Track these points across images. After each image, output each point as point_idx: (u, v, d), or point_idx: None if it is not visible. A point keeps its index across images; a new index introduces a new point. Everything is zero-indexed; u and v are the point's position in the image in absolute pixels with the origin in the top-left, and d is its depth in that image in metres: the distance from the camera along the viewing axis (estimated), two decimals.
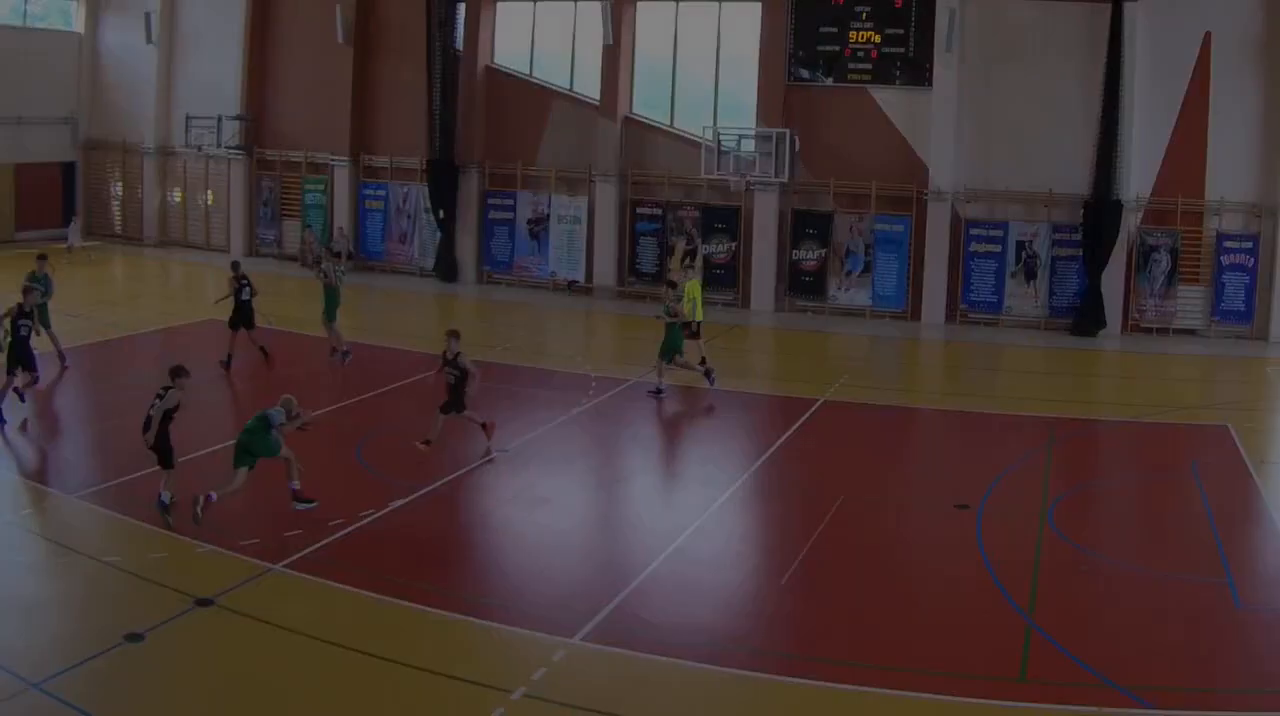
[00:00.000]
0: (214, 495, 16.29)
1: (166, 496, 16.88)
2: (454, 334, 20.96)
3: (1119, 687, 12.73)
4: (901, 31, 38.00)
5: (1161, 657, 13.88)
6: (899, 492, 20.68)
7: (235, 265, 27.50)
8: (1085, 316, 36.89)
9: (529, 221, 40.46)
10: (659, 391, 25.94)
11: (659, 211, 39.33)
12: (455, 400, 20.83)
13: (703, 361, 27.36)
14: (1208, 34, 36.56)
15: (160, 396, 17.07)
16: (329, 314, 28.01)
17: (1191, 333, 37.47)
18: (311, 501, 17.32)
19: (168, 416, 17.10)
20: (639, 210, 39.55)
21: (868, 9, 38.08)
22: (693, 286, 28.54)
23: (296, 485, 17.33)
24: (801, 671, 13.15)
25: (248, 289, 26.33)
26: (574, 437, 23.18)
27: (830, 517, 18.22)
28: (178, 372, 17.24)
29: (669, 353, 25.84)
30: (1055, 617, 14.75)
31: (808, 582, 15.90)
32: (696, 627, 14.26)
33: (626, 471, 21.63)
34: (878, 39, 38.12)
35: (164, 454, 17.21)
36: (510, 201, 40.62)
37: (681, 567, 16.31)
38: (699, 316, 28.08)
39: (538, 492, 19.62)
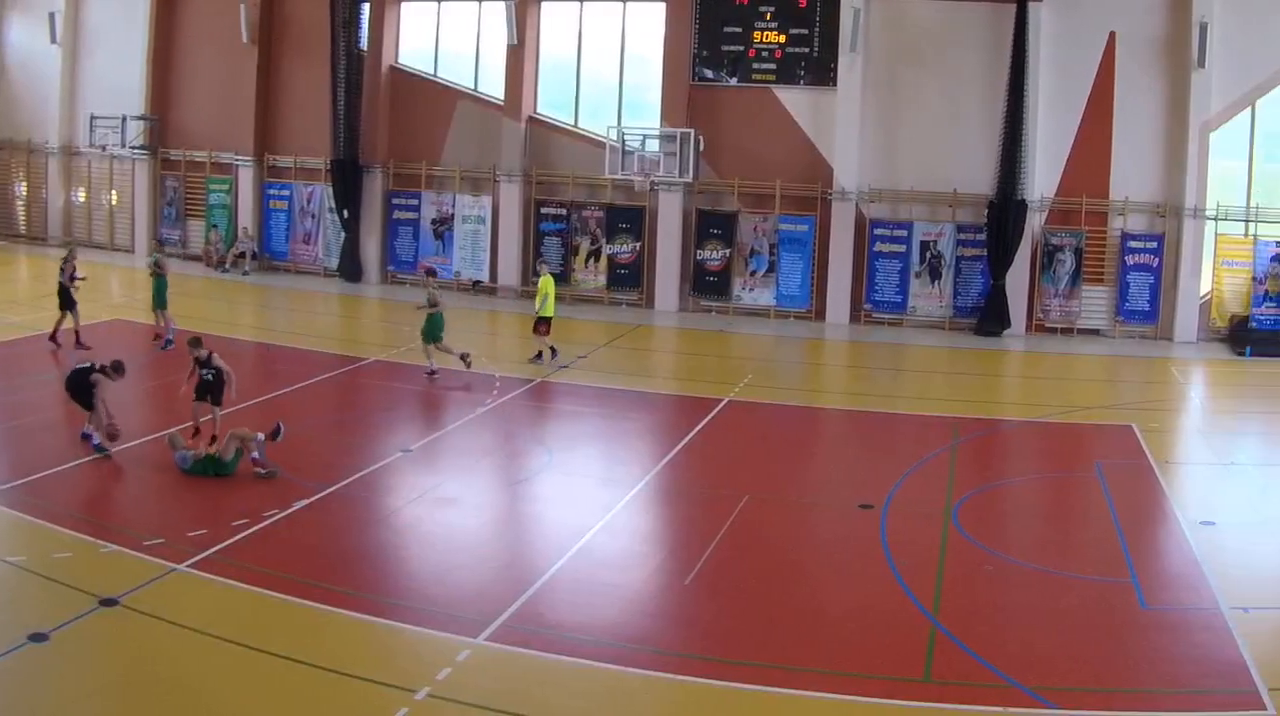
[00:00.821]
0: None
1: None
2: (196, 342, 20.81)
3: (1023, 687, 12.33)
4: (806, 31, 36.70)
5: (1066, 657, 13.33)
6: (803, 492, 19.97)
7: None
8: (989, 316, 35.72)
9: (433, 221, 38.91)
10: (432, 372, 25.96)
11: (563, 211, 37.89)
12: (215, 395, 20.35)
13: (539, 355, 27.73)
14: (1112, 34, 35.39)
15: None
16: (158, 302, 28.13)
17: (1096, 333, 36.31)
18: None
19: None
20: (543, 210, 38.04)
21: (772, 9, 36.80)
22: (545, 282, 28.23)
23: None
24: (705, 671, 12.68)
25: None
26: (479, 437, 22.36)
27: (734, 517, 17.64)
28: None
29: (430, 338, 26.11)
30: (960, 617, 14.27)
31: (712, 582, 15.33)
32: (601, 627, 13.75)
33: (531, 471, 20.67)
34: (782, 39, 36.81)
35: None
36: (414, 201, 39.10)
37: (586, 567, 15.73)
38: (549, 312, 27.88)
39: (442, 492, 18.89)
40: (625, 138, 36.37)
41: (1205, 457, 23.40)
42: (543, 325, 28.22)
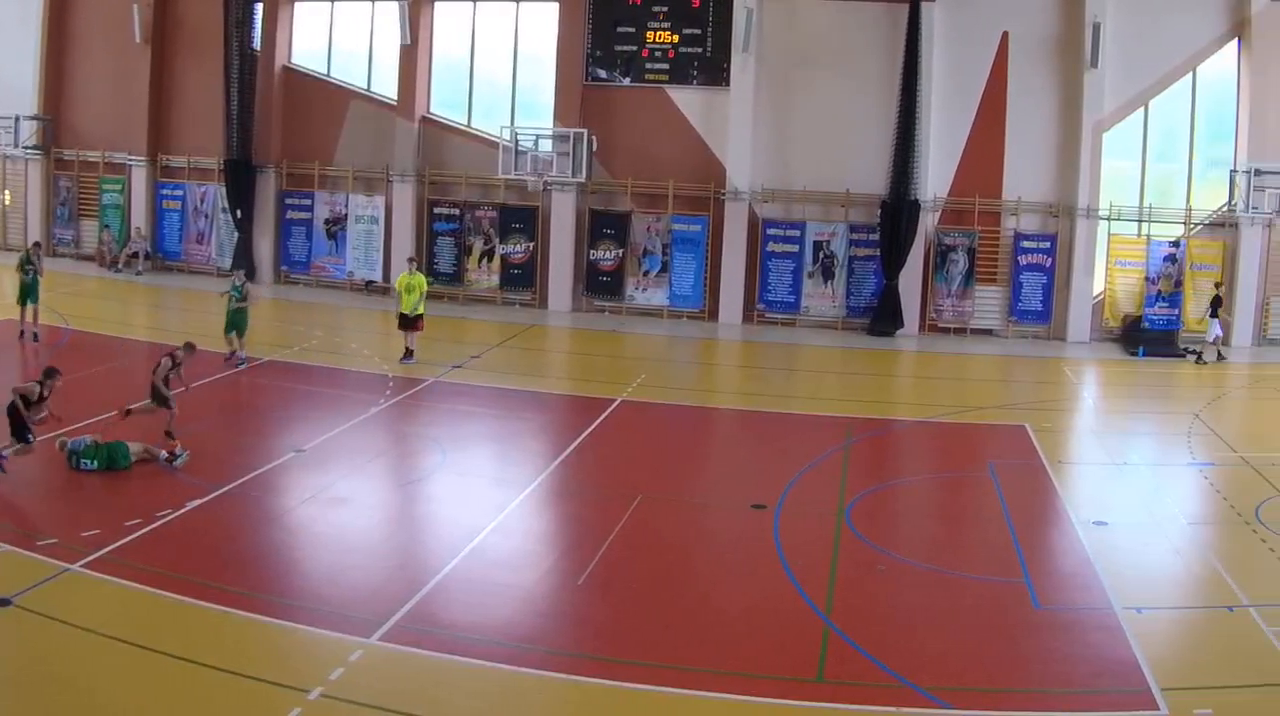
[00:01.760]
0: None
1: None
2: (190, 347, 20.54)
3: (916, 687, 12.06)
4: (699, 32, 35.22)
5: (959, 657, 13.06)
6: (696, 492, 19.38)
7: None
8: (882, 316, 34.40)
9: (326, 221, 37.26)
10: (241, 362, 25.56)
11: (457, 211, 36.45)
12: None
13: (408, 352, 26.84)
14: (1005, 33, 34.13)
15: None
16: (29, 298, 27.20)
17: (989, 333, 35.02)
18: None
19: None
20: (436, 210, 36.39)
21: (665, 9, 35.29)
22: (415, 280, 27.23)
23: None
24: (598, 671, 12.37)
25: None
26: (372, 437, 21.59)
27: (627, 517, 17.18)
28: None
29: (231, 329, 25.70)
30: (852, 617, 13.96)
31: (604, 582, 14.94)
32: (493, 627, 13.41)
33: (424, 471, 19.92)
34: (675, 39, 35.34)
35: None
36: (308, 201, 37.32)
37: (479, 567, 15.28)
38: (417, 309, 27.00)
39: (335, 493, 18.17)
40: (518, 138, 34.58)
41: (1098, 457, 22.86)
42: (411, 322, 27.16)
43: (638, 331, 34.00)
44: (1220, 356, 32.86)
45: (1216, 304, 33.18)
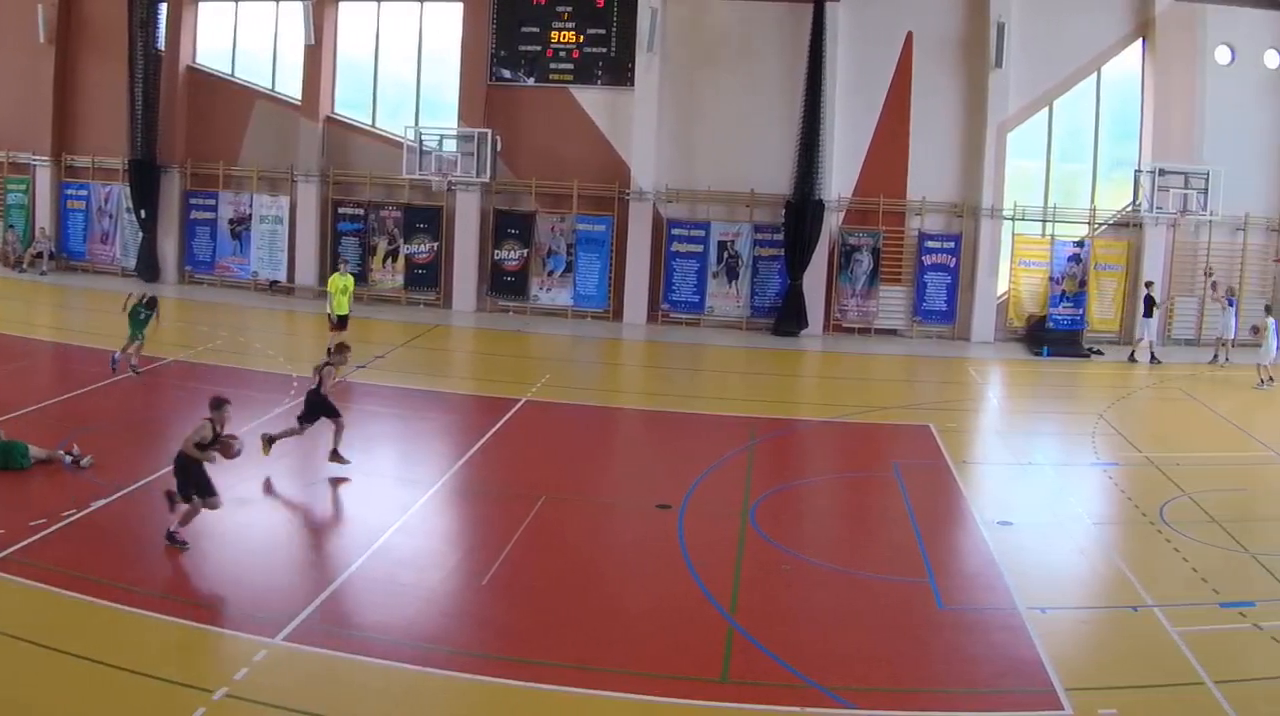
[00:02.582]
0: None
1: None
2: None
3: (821, 688, 11.83)
4: (603, 31, 34.12)
5: (863, 657, 12.80)
6: (601, 492, 18.99)
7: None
8: (787, 316, 33.38)
9: (230, 221, 35.95)
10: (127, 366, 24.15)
11: (361, 211, 35.12)
12: None
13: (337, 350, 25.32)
14: (909, 34, 33.20)
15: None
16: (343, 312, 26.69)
17: (893, 333, 34.05)
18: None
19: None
20: (341, 210, 34.99)
21: (569, 9, 34.15)
22: (348, 281, 26.69)
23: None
24: (503, 671, 12.06)
25: None
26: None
27: (532, 517, 16.78)
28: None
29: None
30: (757, 617, 13.63)
31: (509, 582, 14.54)
32: (398, 627, 13.03)
33: (329, 471, 19.01)
34: (579, 39, 34.23)
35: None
36: (212, 201, 35.79)
37: (383, 567, 14.84)
38: (342, 309, 26.32)
39: (240, 492, 17.35)
40: (423, 138, 33.14)
41: (1002, 457, 22.40)
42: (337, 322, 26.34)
43: (542, 331, 32.91)
44: (1154, 357, 32.03)
45: (1150, 304, 32.26)
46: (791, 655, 12.60)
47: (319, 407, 18.69)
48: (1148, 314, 32.13)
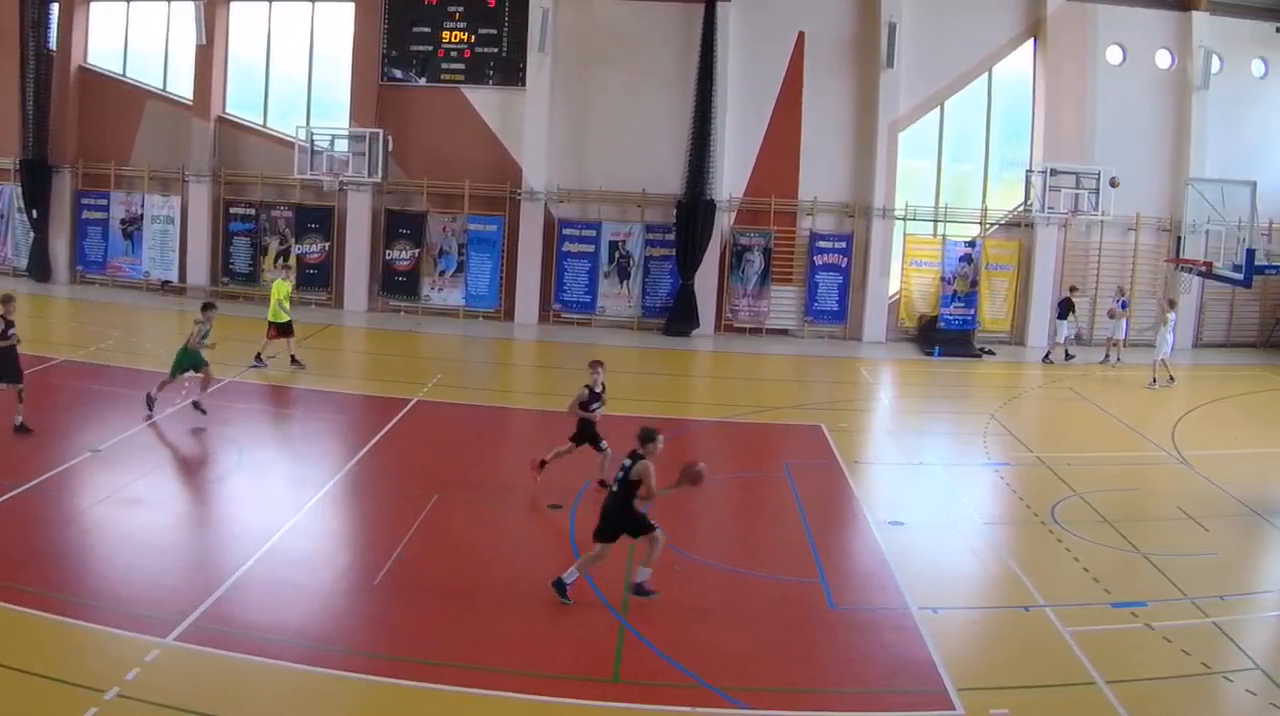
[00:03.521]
0: None
1: None
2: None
3: (713, 688, 11.58)
4: (495, 31, 33.02)
5: (755, 657, 12.48)
6: (492, 492, 18.26)
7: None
8: (678, 316, 32.31)
9: (122, 221, 34.67)
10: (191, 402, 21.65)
11: (252, 211, 33.76)
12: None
13: (293, 359, 25.73)
14: (801, 34, 32.22)
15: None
16: None
17: (785, 333, 33.06)
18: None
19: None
20: (232, 210, 33.79)
21: (461, 9, 33.02)
22: (277, 287, 25.80)
23: None
24: (394, 671, 11.74)
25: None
26: (168, 437, 20.19)
27: (424, 517, 16.36)
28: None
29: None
30: (649, 618, 13.29)
31: (401, 582, 14.13)
32: (290, 627, 12.65)
33: (220, 471, 18.73)
34: (471, 39, 33.14)
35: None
36: (104, 201, 34.23)
37: (275, 567, 14.43)
38: (282, 317, 25.60)
39: (131, 492, 17.04)
40: (314, 138, 31.71)
41: (894, 457, 21.90)
42: (272, 329, 25.66)
43: (434, 331, 31.86)
44: (1068, 356, 31.47)
45: (1066, 307, 31.57)
46: (683, 655, 12.34)
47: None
48: (1061, 316, 31.39)
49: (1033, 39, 33.18)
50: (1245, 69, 33.68)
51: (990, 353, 32.27)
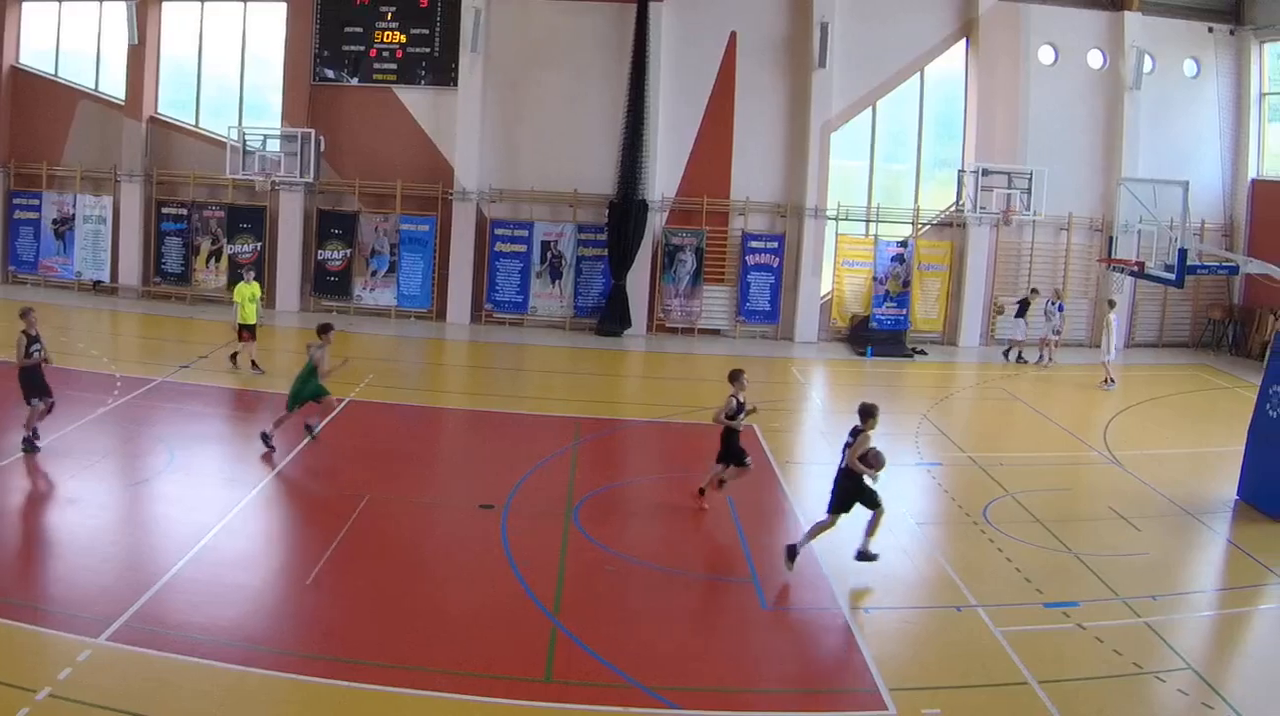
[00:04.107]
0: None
1: None
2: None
3: (645, 688, 11.54)
4: (427, 31, 32.60)
5: (688, 658, 12.43)
6: (424, 492, 18.24)
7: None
8: (610, 316, 31.97)
9: (54, 221, 34.13)
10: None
11: (184, 211, 33.31)
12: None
13: (253, 363, 25.41)
14: (733, 34, 31.87)
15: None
16: None
17: (717, 333, 32.82)
18: None
19: None
20: (164, 210, 33.28)
21: (393, 9, 32.58)
22: (254, 289, 25.66)
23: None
24: (327, 671, 11.66)
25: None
26: (100, 437, 19.91)
27: (355, 518, 16.19)
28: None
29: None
30: (581, 618, 13.26)
31: (333, 582, 14.02)
32: (222, 628, 12.53)
33: (152, 471, 18.26)
34: (403, 39, 32.73)
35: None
36: (36, 201, 33.63)
37: (207, 568, 14.25)
38: (249, 319, 25.42)
39: (63, 493, 16.99)
40: (246, 138, 31.25)
41: (826, 458, 20.82)
42: (244, 332, 25.35)
43: (366, 331, 31.37)
44: (1020, 357, 31.41)
45: (1025, 306, 31.41)
46: (615, 655, 12.26)
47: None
48: (1020, 315, 31.27)
49: (965, 39, 32.85)
50: (1177, 69, 33.35)
51: (922, 352, 31.92)
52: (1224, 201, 33.77)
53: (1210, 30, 33.35)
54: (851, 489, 14.79)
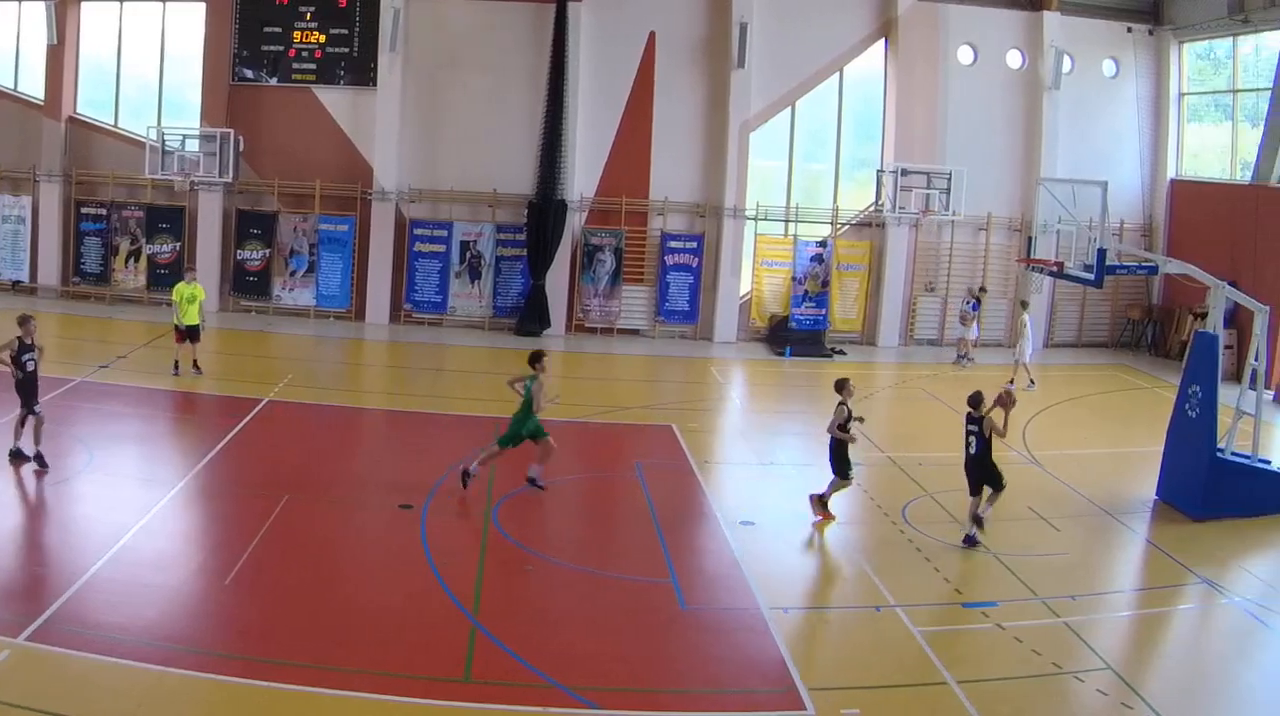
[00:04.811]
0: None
1: None
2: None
3: (564, 688, 11.44)
4: (346, 31, 32.14)
5: (607, 658, 12.36)
6: (344, 492, 17.91)
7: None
8: (529, 316, 31.57)
9: None
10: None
11: (103, 211, 32.81)
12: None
13: (194, 364, 25.07)
14: (652, 33, 31.53)
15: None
16: None
17: (636, 333, 32.54)
18: None
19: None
20: (84, 210, 32.87)
21: (312, 9, 32.11)
22: (196, 290, 25.18)
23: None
24: (245, 671, 11.50)
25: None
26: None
27: (275, 517, 16.03)
28: None
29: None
30: (500, 617, 13.16)
31: (252, 582, 13.89)
32: (141, 628, 12.33)
33: (71, 471, 17.89)
34: (322, 39, 32.27)
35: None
36: None
37: (126, 568, 14.05)
38: (191, 319, 24.95)
39: None
40: (165, 138, 30.97)
41: (745, 458, 21.64)
42: (181, 333, 24.93)
43: (285, 331, 31.10)
44: (961, 357, 31.09)
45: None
46: (534, 655, 12.15)
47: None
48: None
49: (884, 39, 32.61)
50: (1096, 69, 33.11)
51: (841, 352, 31.67)
52: (1143, 201, 33.51)
53: (1129, 30, 33.10)
54: (983, 471, 16.22)
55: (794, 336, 32.00)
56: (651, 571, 15.01)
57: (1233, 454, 18.87)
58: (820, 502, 17.41)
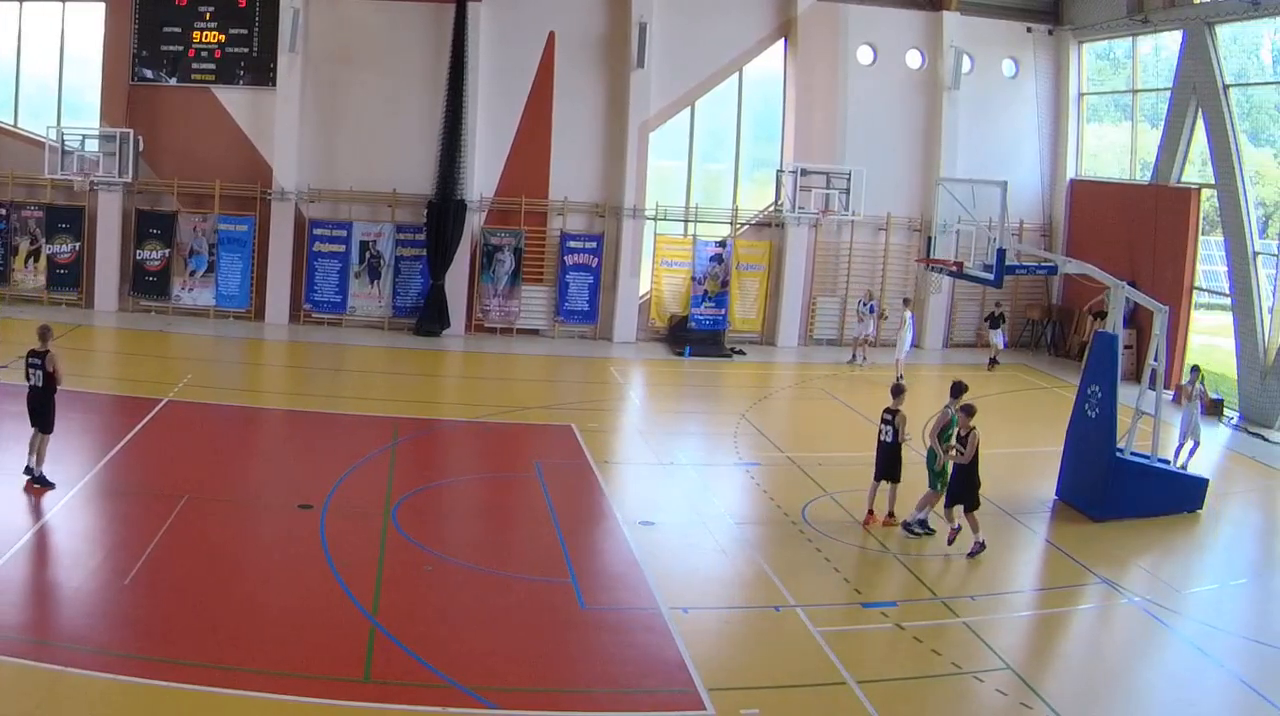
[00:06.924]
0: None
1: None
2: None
3: (463, 688, 11.26)
4: (245, 31, 31.07)
5: (506, 658, 12.11)
6: (243, 492, 17.57)
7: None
8: (429, 316, 30.70)
9: None
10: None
11: (3, 211, 31.54)
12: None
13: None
14: (551, 33, 30.67)
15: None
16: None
17: (536, 333, 31.77)
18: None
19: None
20: None
21: (211, 9, 31.02)
22: None
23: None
24: (145, 671, 11.15)
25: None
26: None
27: (174, 517, 15.60)
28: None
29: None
30: (399, 617, 12.88)
31: (151, 582, 13.50)
32: (39, 627, 12.10)
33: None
34: (222, 39, 31.17)
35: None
36: None
37: (25, 568, 13.78)
38: None
39: None
40: (65, 137, 30.48)
41: (644, 457, 21.17)
42: None
43: (184, 331, 30.06)
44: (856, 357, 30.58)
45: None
46: (434, 655, 11.95)
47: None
48: (994, 326, 30.89)
49: (784, 39, 31.77)
50: (996, 69, 32.27)
51: (741, 353, 30.83)
52: (1043, 201, 32.70)
53: (1029, 30, 32.31)
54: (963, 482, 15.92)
55: (693, 336, 31.14)
56: (551, 571, 14.77)
57: (1132, 454, 18.48)
58: (890, 515, 17.12)
